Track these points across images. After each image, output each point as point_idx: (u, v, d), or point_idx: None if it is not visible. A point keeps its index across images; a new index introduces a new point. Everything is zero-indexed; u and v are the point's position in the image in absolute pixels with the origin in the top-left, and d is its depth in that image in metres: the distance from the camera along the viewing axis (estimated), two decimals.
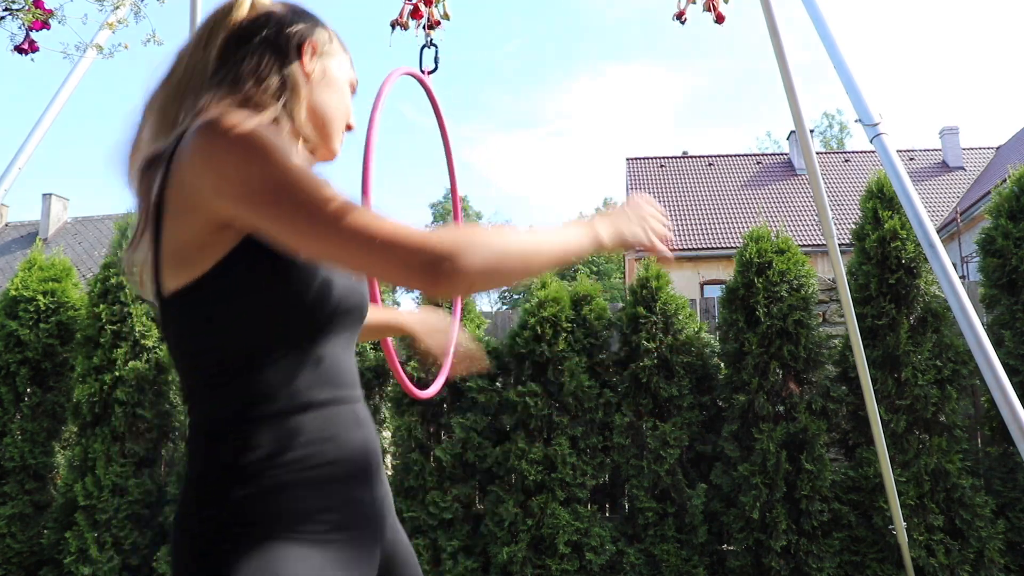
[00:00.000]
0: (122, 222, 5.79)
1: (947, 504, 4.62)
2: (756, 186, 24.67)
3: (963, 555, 4.53)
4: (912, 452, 4.68)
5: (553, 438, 4.95)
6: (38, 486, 5.58)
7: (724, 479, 4.86)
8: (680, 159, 26.37)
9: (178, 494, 1.51)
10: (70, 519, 5.35)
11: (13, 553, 5.41)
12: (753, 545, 4.72)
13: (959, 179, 24.26)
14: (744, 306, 5.02)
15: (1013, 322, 4.78)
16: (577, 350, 5.10)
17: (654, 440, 4.89)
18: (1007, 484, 4.70)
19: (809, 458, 4.71)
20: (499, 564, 4.84)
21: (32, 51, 1.92)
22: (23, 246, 25.59)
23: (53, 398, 5.66)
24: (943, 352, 4.78)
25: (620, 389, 5.08)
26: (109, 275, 5.58)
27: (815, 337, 4.94)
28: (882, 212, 4.98)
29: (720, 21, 3.16)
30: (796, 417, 4.80)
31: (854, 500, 4.76)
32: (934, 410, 4.71)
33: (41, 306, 5.69)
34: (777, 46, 3.06)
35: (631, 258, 22.97)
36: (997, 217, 5.00)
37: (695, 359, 5.09)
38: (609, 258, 39.86)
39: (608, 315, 5.27)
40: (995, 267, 4.92)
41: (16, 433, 5.56)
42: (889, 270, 4.88)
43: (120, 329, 5.43)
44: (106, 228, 25.15)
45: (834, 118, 40.03)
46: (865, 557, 4.69)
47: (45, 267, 5.94)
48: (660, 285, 5.19)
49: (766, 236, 5.16)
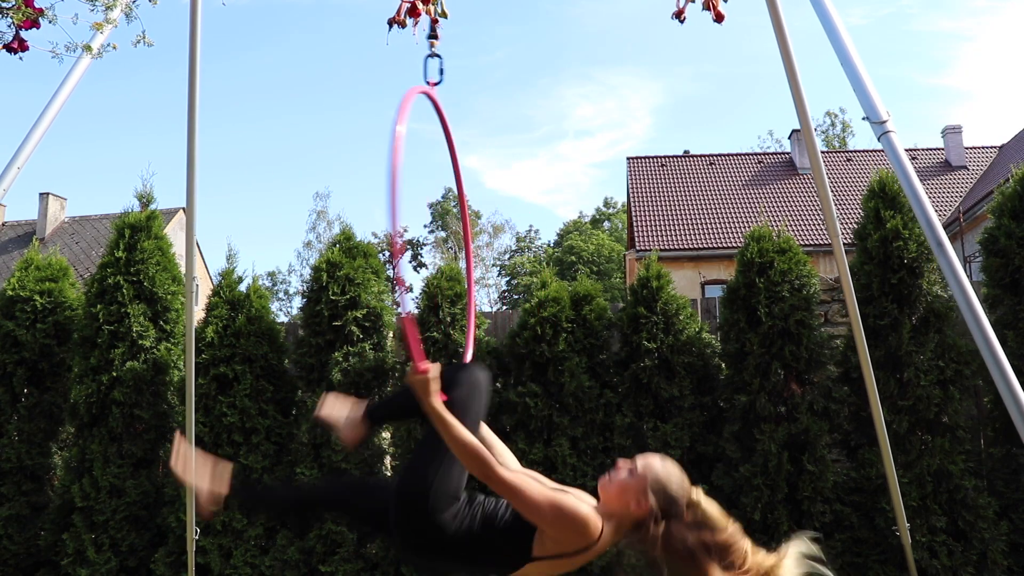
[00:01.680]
0: (119, 221, 5.75)
1: (950, 505, 4.59)
2: (758, 185, 24.62)
3: (966, 556, 4.50)
4: (915, 453, 4.65)
5: (553, 439, 4.92)
6: (35, 487, 5.55)
7: (725, 480, 4.83)
8: (681, 158, 26.31)
9: None
10: (67, 520, 5.33)
11: (10, 555, 5.38)
12: None
13: (962, 178, 24.20)
14: (745, 306, 4.99)
15: (1016, 322, 4.75)
16: (577, 350, 5.07)
17: (655, 441, 4.86)
18: (1010, 485, 4.67)
19: (811, 459, 4.68)
20: None
21: (22, 50, 1.90)
22: (20, 246, 25.55)
23: (50, 399, 5.63)
24: (946, 352, 4.75)
25: (621, 390, 5.05)
26: (106, 275, 5.54)
27: (817, 337, 4.91)
28: (884, 212, 4.95)
29: (719, 20, 3.13)
30: (798, 418, 4.77)
31: (856, 501, 4.73)
32: (936, 411, 4.68)
33: (38, 306, 5.66)
34: (783, 44, 3.03)
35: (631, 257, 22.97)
36: (1000, 217, 4.96)
37: (696, 359, 5.06)
38: (609, 258, 39.85)
39: (609, 315, 5.24)
40: (998, 267, 4.89)
41: (13, 434, 5.53)
42: (891, 270, 4.84)
43: (117, 329, 5.40)
44: (104, 228, 25.11)
45: (836, 117, 39.98)
46: (867, 558, 4.67)
47: (42, 267, 5.91)
48: (661, 285, 5.16)
49: (768, 236, 5.13)
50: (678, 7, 3.16)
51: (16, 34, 1.88)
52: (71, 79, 2.90)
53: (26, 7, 1.83)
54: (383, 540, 4.75)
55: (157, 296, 5.60)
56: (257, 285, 5.61)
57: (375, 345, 5.33)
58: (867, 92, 2.37)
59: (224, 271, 5.65)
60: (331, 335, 5.24)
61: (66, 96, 2.89)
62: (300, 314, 5.57)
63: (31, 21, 1.83)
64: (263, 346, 5.35)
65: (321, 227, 39.07)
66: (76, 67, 2.88)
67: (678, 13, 3.18)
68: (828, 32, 2.49)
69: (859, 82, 2.39)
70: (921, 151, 26.21)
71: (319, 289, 5.35)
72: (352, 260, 5.43)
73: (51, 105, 2.87)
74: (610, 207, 46.10)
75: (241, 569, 5.05)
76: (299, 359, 5.36)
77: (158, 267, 5.64)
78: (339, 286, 5.29)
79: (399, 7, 3.24)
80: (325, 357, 5.25)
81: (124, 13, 2.08)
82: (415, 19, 3.21)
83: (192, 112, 3.58)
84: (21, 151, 2.79)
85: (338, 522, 4.96)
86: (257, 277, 5.75)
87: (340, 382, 5.12)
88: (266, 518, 5.10)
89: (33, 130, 2.83)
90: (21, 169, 2.80)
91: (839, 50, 2.44)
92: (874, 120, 2.33)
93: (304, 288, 5.67)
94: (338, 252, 5.46)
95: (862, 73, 2.40)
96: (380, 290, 5.49)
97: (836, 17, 2.50)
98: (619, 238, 41.13)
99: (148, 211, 5.78)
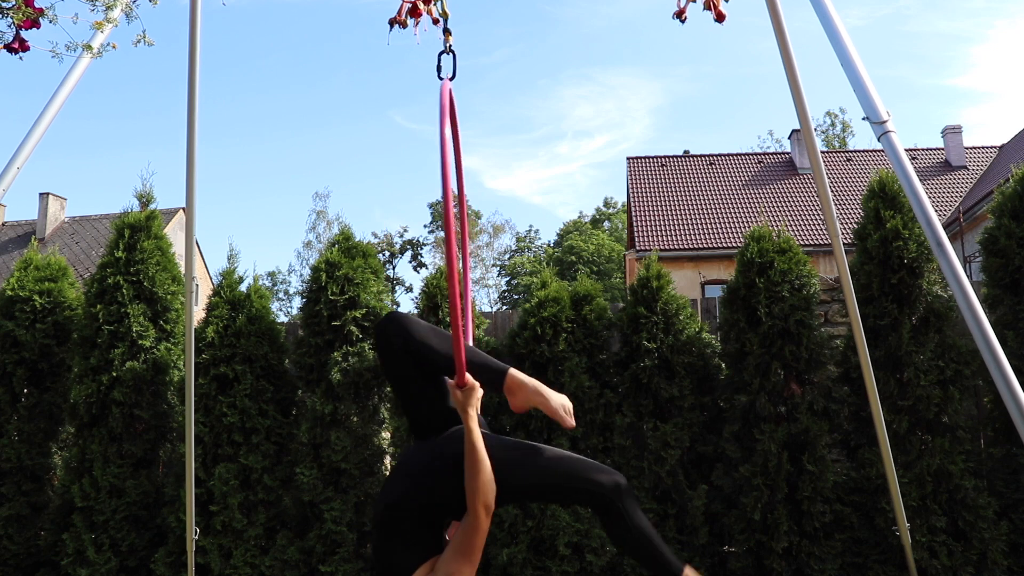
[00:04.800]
0: (119, 221, 5.75)
1: (950, 505, 4.59)
2: (758, 185, 24.62)
3: (966, 556, 4.50)
4: (915, 453, 4.65)
5: (553, 439, 4.92)
6: (35, 487, 5.55)
7: (725, 480, 4.83)
8: (681, 158, 26.31)
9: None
10: (67, 520, 5.32)
11: (10, 555, 5.38)
12: (754, 547, 4.69)
13: (962, 178, 24.21)
14: (745, 306, 4.99)
15: (1016, 322, 4.75)
16: (577, 350, 5.07)
17: (655, 441, 4.86)
18: (1010, 485, 4.67)
19: (811, 459, 4.68)
20: (499, 565, 4.81)
21: (23, 50, 1.89)
22: (19, 246, 25.56)
23: (50, 399, 5.63)
24: (945, 352, 4.75)
25: (621, 390, 5.05)
26: (106, 275, 5.54)
27: (817, 337, 4.91)
28: (884, 212, 4.95)
29: (720, 20, 3.13)
30: (798, 418, 4.77)
31: (856, 501, 4.73)
32: (936, 411, 4.68)
33: (37, 306, 5.66)
34: (783, 44, 3.03)
35: (631, 257, 22.96)
36: (1000, 217, 4.96)
37: (696, 359, 5.06)
38: (609, 257, 39.84)
39: (609, 315, 5.24)
40: (998, 267, 4.88)
41: (13, 434, 5.53)
42: (891, 270, 4.84)
43: (117, 329, 5.40)
44: (103, 228, 25.11)
45: (837, 117, 39.99)
46: (867, 559, 4.66)
47: (41, 267, 5.91)
48: (661, 285, 5.16)
49: (768, 236, 5.13)
50: (679, 7, 3.16)
51: (16, 34, 1.88)
52: (71, 78, 2.90)
53: (26, 7, 1.83)
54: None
55: (157, 296, 5.60)
56: (258, 285, 5.61)
57: (374, 344, 5.32)
58: (867, 92, 2.37)
59: (225, 271, 5.65)
60: (330, 335, 5.24)
61: (66, 96, 2.89)
62: (300, 314, 5.57)
63: (31, 21, 1.83)
64: (263, 346, 5.35)
65: (321, 227, 39.09)
66: (76, 67, 2.88)
67: (679, 13, 3.17)
68: (828, 32, 2.49)
69: (859, 82, 2.39)
70: (921, 151, 26.22)
71: (318, 289, 5.35)
72: (351, 260, 5.42)
73: (51, 105, 2.87)
74: (610, 207, 46.12)
75: (241, 569, 5.05)
76: (299, 359, 5.36)
77: (158, 267, 5.64)
78: (338, 286, 5.29)
79: (400, 7, 3.24)
80: (325, 357, 5.25)
81: (124, 13, 2.08)
82: (416, 19, 3.22)
83: (192, 112, 3.58)
84: (21, 151, 2.80)
85: (338, 521, 4.96)
86: (258, 277, 5.74)
87: (340, 382, 5.12)
88: (266, 519, 5.10)
89: (33, 130, 2.83)
90: (21, 169, 2.81)
91: (839, 50, 2.44)
92: (874, 120, 2.33)
93: (304, 288, 5.67)
94: (337, 252, 5.46)
95: (862, 73, 2.40)
96: (379, 290, 5.49)
97: (836, 17, 2.50)
98: (619, 238, 41.13)
99: (148, 211, 5.78)
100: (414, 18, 3.23)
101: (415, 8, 3.22)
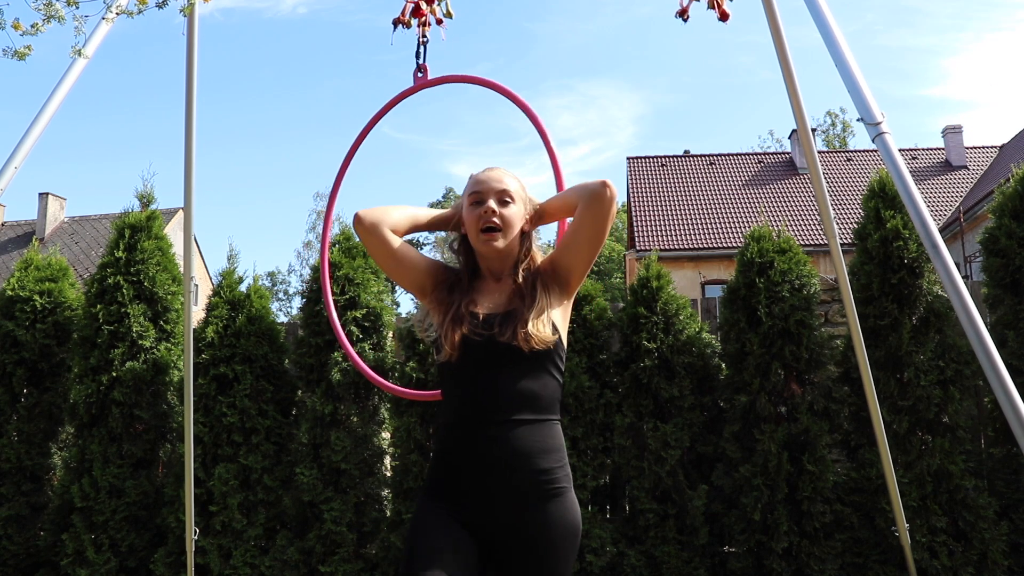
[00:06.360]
0: (119, 221, 5.75)
1: (950, 505, 4.58)
2: (758, 185, 24.62)
3: (966, 557, 4.49)
4: (915, 453, 4.64)
5: None
6: (35, 487, 5.54)
7: (725, 480, 4.83)
8: (681, 158, 26.31)
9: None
10: (67, 521, 5.32)
11: (9, 555, 5.38)
12: (754, 547, 4.69)
13: (962, 178, 24.21)
14: (745, 306, 4.98)
15: (1017, 322, 4.75)
16: (577, 350, 5.06)
17: (655, 441, 4.86)
18: (1010, 485, 4.67)
19: (811, 459, 4.68)
20: None
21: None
22: (19, 246, 25.56)
23: (50, 399, 5.63)
24: (946, 352, 4.74)
25: (621, 390, 5.04)
26: (106, 275, 5.54)
27: (817, 337, 4.91)
28: (884, 212, 4.94)
29: (724, 19, 3.12)
30: (798, 418, 4.77)
31: (856, 501, 4.72)
32: (937, 411, 4.67)
33: (37, 306, 5.66)
34: (780, 47, 3.03)
35: (631, 257, 22.93)
36: (1000, 216, 4.95)
37: (696, 359, 5.05)
38: (609, 257, 39.79)
39: (608, 315, 5.23)
40: (998, 267, 4.88)
41: (12, 434, 5.53)
42: (891, 270, 4.84)
43: (117, 329, 5.40)
44: (103, 228, 25.11)
45: (837, 117, 39.98)
46: (867, 559, 4.66)
47: (41, 267, 5.91)
48: (661, 285, 5.15)
49: (768, 235, 5.13)
50: (681, 6, 3.15)
51: None
52: (69, 78, 2.89)
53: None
54: None
55: (157, 296, 5.60)
56: (258, 285, 5.61)
57: (374, 345, 5.32)
58: (862, 94, 2.37)
59: (224, 271, 5.64)
60: (330, 335, 5.24)
61: (64, 95, 2.88)
62: (300, 314, 5.57)
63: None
64: (263, 346, 5.35)
65: (321, 227, 39.11)
66: (73, 66, 2.88)
67: (682, 12, 3.17)
68: (823, 35, 2.49)
69: (854, 84, 2.39)
70: (921, 151, 26.21)
71: (318, 289, 5.34)
72: (351, 260, 5.42)
73: (49, 104, 2.86)
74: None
75: (241, 569, 5.04)
76: (299, 359, 5.35)
77: (158, 267, 5.64)
78: (338, 286, 5.29)
79: (403, 7, 3.24)
80: (325, 357, 5.25)
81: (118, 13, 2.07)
82: (420, 19, 3.22)
83: (190, 111, 3.57)
84: (19, 150, 2.79)
85: (338, 522, 4.96)
86: (258, 277, 5.74)
87: (340, 382, 5.12)
88: (265, 519, 5.10)
89: (31, 129, 2.82)
90: (18, 168, 2.80)
91: (834, 53, 2.44)
92: (869, 121, 2.33)
93: (304, 288, 5.66)
94: (337, 252, 5.46)
95: (856, 75, 2.40)
96: (379, 290, 5.49)
97: (831, 20, 2.50)
98: (619, 238, 41.10)
99: (148, 211, 5.78)
100: (417, 18, 3.24)
101: (418, 8, 3.23)
